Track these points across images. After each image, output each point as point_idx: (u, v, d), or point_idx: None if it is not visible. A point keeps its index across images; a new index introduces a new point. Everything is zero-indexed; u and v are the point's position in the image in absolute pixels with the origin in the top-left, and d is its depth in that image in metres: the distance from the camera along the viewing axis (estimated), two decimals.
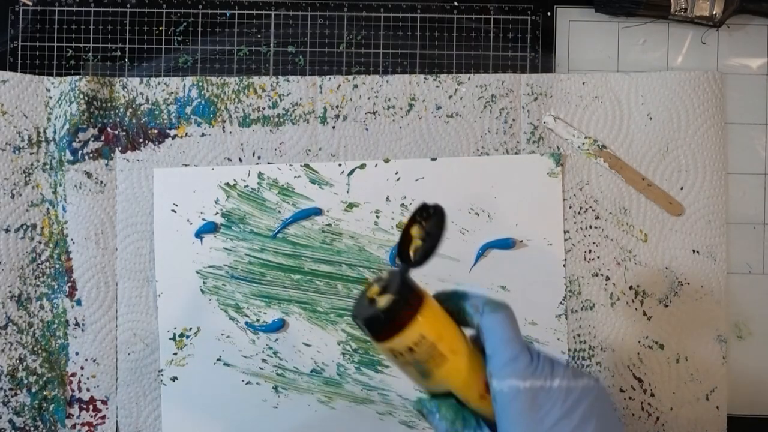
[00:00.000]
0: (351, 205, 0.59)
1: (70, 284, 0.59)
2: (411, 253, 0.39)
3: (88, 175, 0.59)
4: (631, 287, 0.59)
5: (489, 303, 0.39)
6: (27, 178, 0.59)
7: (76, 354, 0.59)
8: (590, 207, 0.59)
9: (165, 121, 0.59)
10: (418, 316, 0.36)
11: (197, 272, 0.59)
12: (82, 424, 0.59)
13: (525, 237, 0.59)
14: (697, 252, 0.59)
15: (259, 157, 0.59)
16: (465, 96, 0.59)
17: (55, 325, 0.59)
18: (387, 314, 0.36)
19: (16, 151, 0.59)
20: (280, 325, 0.59)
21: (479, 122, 0.59)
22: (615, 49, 0.61)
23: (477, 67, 0.60)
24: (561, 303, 0.59)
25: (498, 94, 0.59)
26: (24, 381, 0.59)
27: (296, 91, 0.59)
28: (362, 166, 0.59)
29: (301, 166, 0.59)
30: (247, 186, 0.59)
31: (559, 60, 0.61)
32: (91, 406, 0.59)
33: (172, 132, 0.59)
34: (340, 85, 0.59)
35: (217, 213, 0.59)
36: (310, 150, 0.59)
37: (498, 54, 0.61)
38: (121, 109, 0.59)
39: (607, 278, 0.59)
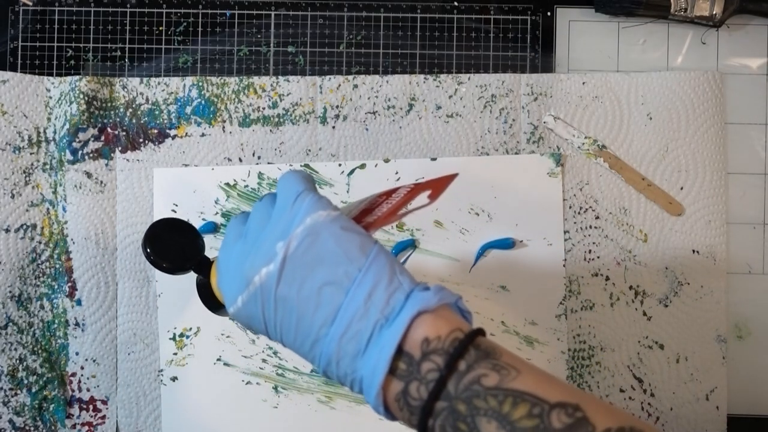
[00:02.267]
0: None
1: (70, 284, 0.59)
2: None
3: (88, 175, 0.59)
4: (631, 287, 0.59)
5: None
6: (27, 178, 0.59)
7: (76, 354, 0.59)
8: (590, 207, 0.59)
9: (165, 121, 0.59)
10: (217, 294, 0.45)
11: None
12: (82, 424, 0.59)
13: (525, 237, 0.59)
14: (697, 252, 0.59)
15: (259, 157, 0.59)
16: (465, 96, 0.59)
17: (55, 325, 0.59)
18: (204, 303, 0.47)
19: (16, 151, 0.59)
20: None
21: (479, 122, 0.59)
22: (615, 49, 0.61)
23: (477, 67, 0.61)
24: (561, 303, 0.59)
25: (498, 94, 0.59)
26: (24, 381, 0.59)
27: (296, 91, 0.59)
28: (362, 166, 0.59)
29: (301, 166, 0.59)
30: (247, 186, 0.59)
31: (559, 60, 0.61)
32: (91, 406, 0.59)
33: (172, 132, 0.59)
34: (340, 85, 0.59)
35: (217, 213, 0.59)
36: (310, 150, 0.59)
37: (498, 54, 0.61)
38: (121, 109, 0.59)
39: (607, 278, 0.59)
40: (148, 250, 0.45)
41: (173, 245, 0.47)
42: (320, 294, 0.35)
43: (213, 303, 0.46)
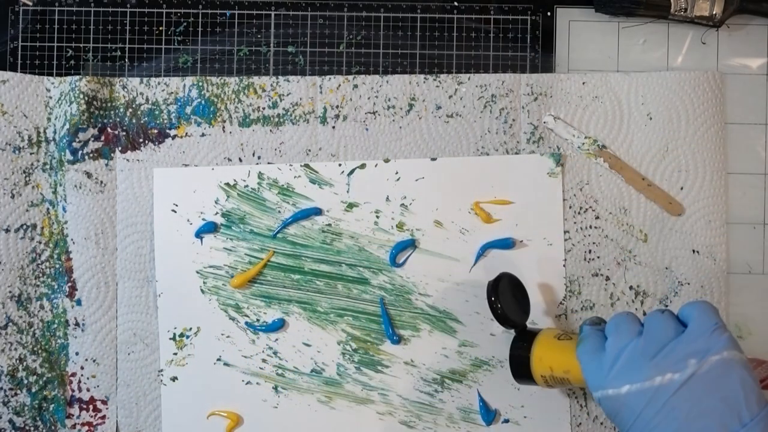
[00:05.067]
0: (351, 205, 0.59)
1: (70, 284, 0.59)
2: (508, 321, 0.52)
3: (88, 175, 0.59)
4: (631, 287, 0.59)
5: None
6: (27, 178, 0.59)
7: (76, 354, 0.59)
8: (590, 207, 0.59)
9: (165, 121, 0.59)
10: (532, 365, 0.51)
11: (197, 272, 0.59)
12: (82, 424, 0.59)
13: (525, 237, 0.59)
14: (697, 252, 0.59)
15: (259, 157, 0.59)
16: (465, 96, 0.59)
17: (55, 325, 0.59)
18: (514, 371, 0.52)
19: (16, 151, 0.59)
20: (280, 325, 0.59)
21: (479, 122, 0.59)
22: (615, 49, 0.61)
23: (477, 67, 0.61)
24: (561, 303, 0.59)
25: (498, 94, 0.59)
26: (24, 381, 0.59)
27: (296, 91, 0.59)
28: (362, 166, 0.59)
29: (301, 166, 0.59)
30: (247, 186, 0.59)
31: (559, 60, 0.61)
32: (91, 406, 0.59)
33: (172, 132, 0.59)
34: (340, 85, 0.59)
35: (217, 213, 0.59)
36: (310, 150, 0.59)
37: (498, 54, 0.61)
38: (121, 109, 0.59)
39: (607, 278, 0.59)
40: (493, 299, 0.51)
41: (512, 298, 0.53)
42: (707, 421, 0.38)
43: (523, 372, 0.51)
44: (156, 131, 0.59)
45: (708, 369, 0.39)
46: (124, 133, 0.59)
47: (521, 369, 0.51)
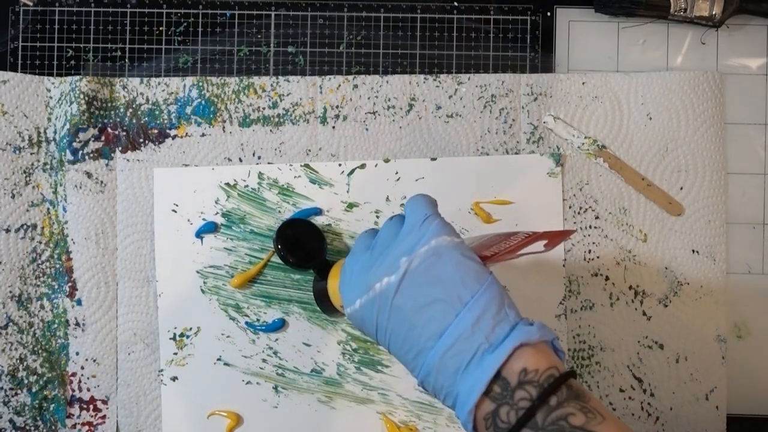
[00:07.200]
0: (351, 205, 0.59)
1: (70, 284, 0.59)
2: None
3: (89, 175, 0.59)
4: (631, 287, 0.59)
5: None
6: (27, 178, 0.59)
7: (77, 354, 0.59)
8: (590, 207, 0.59)
9: (165, 121, 0.59)
10: (331, 297, 0.51)
11: (197, 272, 0.59)
12: (83, 424, 0.59)
13: None
14: (697, 252, 0.59)
15: (259, 157, 0.59)
16: (465, 96, 0.59)
17: (56, 325, 0.59)
18: (319, 305, 0.53)
19: (17, 151, 0.59)
20: (280, 325, 0.59)
21: (479, 122, 0.59)
22: (615, 49, 0.61)
23: (477, 67, 0.61)
24: (561, 303, 0.59)
25: (498, 94, 0.59)
26: (24, 381, 0.59)
27: (296, 91, 0.59)
28: (362, 166, 0.59)
29: (301, 166, 0.59)
30: (247, 186, 0.59)
31: (559, 60, 0.61)
32: (91, 406, 0.59)
33: (172, 132, 0.59)
34: (340, 85, 0.59)
35: (217, 213, 0.59)
36: (310, 150, 0.59)
37: (498, 54, 0.61)
38: (122, 109, 0.59)
39: (607, 278, 0.59)
40: (279, 246, 0.53)
41: (301, 244, 0.54)
42: (432, 310, 0.38)
43: (327, 305, 0.51)
44: (156, 131, 0.59)
45: (419, 262, 0.39)
46: (125, 133, 0.59)
47: (323, 303, 0.51)
